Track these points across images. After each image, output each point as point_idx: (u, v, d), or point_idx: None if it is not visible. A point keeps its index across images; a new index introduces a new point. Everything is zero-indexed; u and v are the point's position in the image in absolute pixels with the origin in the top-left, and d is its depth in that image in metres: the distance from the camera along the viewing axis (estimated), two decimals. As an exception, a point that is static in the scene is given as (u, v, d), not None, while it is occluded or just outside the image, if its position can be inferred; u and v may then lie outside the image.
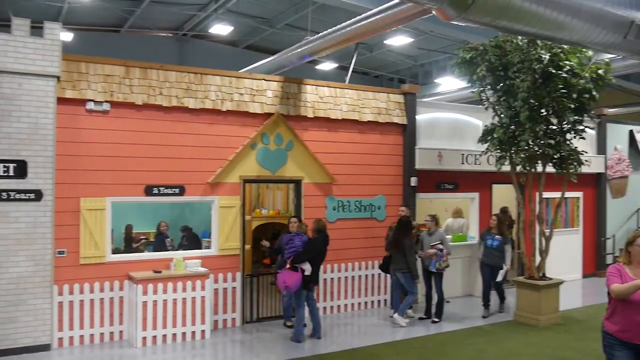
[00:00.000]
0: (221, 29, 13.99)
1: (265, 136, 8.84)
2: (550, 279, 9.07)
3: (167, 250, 9.18)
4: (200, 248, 9.25)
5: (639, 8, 7.12)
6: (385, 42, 14.41)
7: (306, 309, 8.02)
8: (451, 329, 8.63)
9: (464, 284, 10.97)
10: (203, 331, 7.92)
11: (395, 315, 8.74)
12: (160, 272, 7.78)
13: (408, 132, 10.20)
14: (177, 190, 8.16)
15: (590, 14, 6.53)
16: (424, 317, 9.05)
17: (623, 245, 4.74)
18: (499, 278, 9.25)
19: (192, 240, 9.95)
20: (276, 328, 8.54)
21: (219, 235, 8.47)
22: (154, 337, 7.58)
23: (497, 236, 9.28)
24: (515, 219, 11.47)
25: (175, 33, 16.40)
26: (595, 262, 13.37)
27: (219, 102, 8.43)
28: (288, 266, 7.73)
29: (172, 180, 8.13)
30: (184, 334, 7.79)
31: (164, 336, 7.65)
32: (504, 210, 11.62)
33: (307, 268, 7.67)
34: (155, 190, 8.01)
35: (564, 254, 12.29)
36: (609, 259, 13.45)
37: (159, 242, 9.71)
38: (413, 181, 10.11)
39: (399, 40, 13.72)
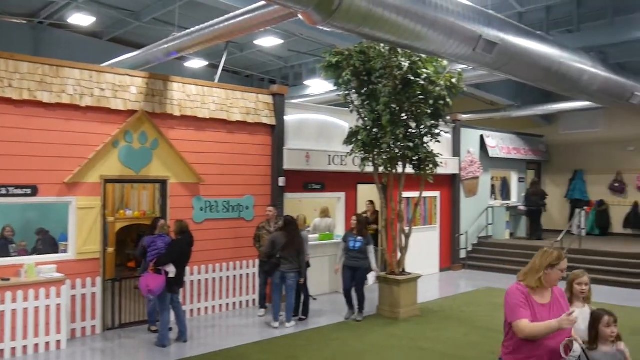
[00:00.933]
0: (81, 19, 13.18)
1: (129, 134, 8.48)
2: (410, 274, 9.61)
3: (10, 256, 8.33)
4: (57, 252, 8.65)
5: (487, 24, 7.77)
6: (255, 42, 14.41)
7: (172, 312, 7.82)
8: (318, 325, 8.85)
9: (331, 282, 11.27)
10: (59, 341, 7.42)
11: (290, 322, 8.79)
12: (8, 279, 7.18)
13: (277, 132, 10.30)
14: (28, 191, 7.57)
15: (444, 26, 7.01)
16: (292, 315, 9.19)
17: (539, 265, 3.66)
18: (371, 282, 9.22)
19: (48, 244, 9.25)
20: (140, 334, 8.23)
21: (77, 238, 7.99)
22: (1, 350, 6.98)
23: (359, 237, 9.10)
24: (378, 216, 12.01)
25: (29, 20, 15.20)
26: (450, 256, 14.38)
27: (77, 97, 7.94)
28: (151, 269, 7.48)
29: (22, 179, 7.52)
30: (36, 345, 7.25)
31: (13, 349, 7.07)
32: (371, 203, 12.09)
33: (171, 270, 7.47)
34: (3, 191, 7.37)
35: (422, 250, 13.10)
36: (463, 254, 14.54)
37: (1, 248, 8.85)
38: (281, 181, 10.24)
39: (269, 41, 13.79)
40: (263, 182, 10.24)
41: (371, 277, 9.18)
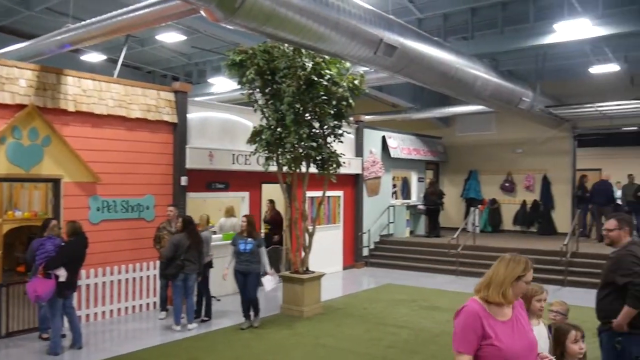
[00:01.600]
0: (-37, 5, 12.24)
1: (17, 130, 7.95)
2: (313, 272, 9.71)
3: None
4: None
5: (388, 28, 8.01)
6: (157, 37, 13.98)
7: (65, 318, 7.43)
8: (221, 326, 8.73)
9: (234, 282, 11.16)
10: None
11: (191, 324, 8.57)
12: None
13: (179, 130, 10.06)
14: None
15: (346, 28, 7.16)
16: (195, 317, 9.00)
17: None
18: (268, 287, 8.70)
19: None
20: (31, 342, 7.74)
21: (-43, 242, 7.40)
22: None
23: (249, 239, 8.54)
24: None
25: None
26: (354, 254, 14.69)
27: (-43, 90, 7.36)
28: (40, 273, 7.04)
29: None
30: None
31: None
32: (271, 202, 12.06)
33: (62, 274, 7.05)
34: None
35: (326, 249, 13.29)
36: (365, 252, 14.90)
37: None
38: (183, 180, 10.01)
39: (171, 37, 13.42)
40: (164, 181, 9.96)
41: (268, 282, 8.64)
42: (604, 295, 4.59)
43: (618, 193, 15.12)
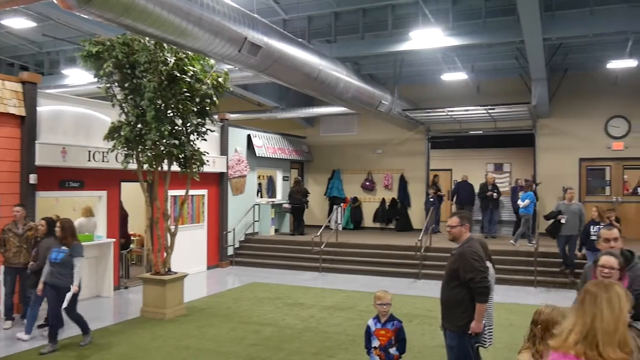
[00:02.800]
0: None
1: None
2: (175, 273, 9.46)
3: None
4: None
5: (252, 27, 8.01)
6: (2, 22, 12.80)
7: None
8: (77, 332, 8.20)
9: (92, 285, 10.57)
10: None
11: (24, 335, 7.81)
12: None
13: (27, 124, 9.28)
14: None
15: (210, 25, 7.05)
16: (44, 324, 8.34)
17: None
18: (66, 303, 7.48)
19: None
20: None
21: None
22: None
23: (63, 247, 7.34)
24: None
25: None
26: (218, 254, 14.52)
27: None
28: None
29: None
30: None
31: None
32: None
33: None
34: None
35: (190, 248, 13.01)
36: (230, 251, 14.79)
37: None
38: (32, 178, 9.26)
39: (18, 23, 12.31)
40: (10, 179, 9.14)
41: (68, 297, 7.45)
42: (450, 288, 4.93)
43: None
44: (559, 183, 16.03)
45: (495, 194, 15.47)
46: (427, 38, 11.31)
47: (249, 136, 15.73)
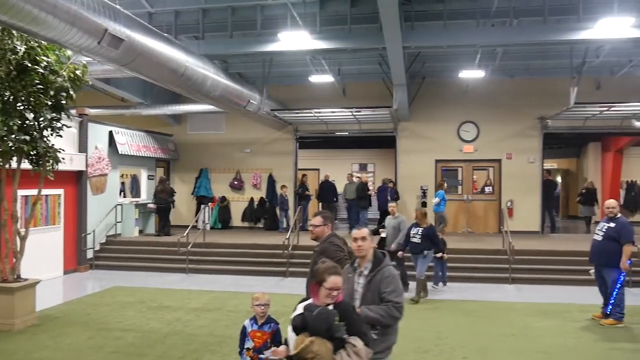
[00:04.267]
0: None
1: None
2: (26, 279, 8.75)
3: None
4: None
5: (113, 18, 7.63)
6: None
7: None
8: None
9: None
10: None
11: None
12: None
13: None
14: None
15: (66, 13, 6.61)
16: None
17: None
18: None
19: None
20: None
21: None
22: None
23: None
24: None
25: None
26: (76, 257, 13.65)
27: None
28: None
29: None
30: None
31: None
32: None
33: None
34: None
35: (44, 253, 12.11)
36: (90, 254, 13.97)
37: None
38: None
39: None
40: None
41: None
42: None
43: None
44: (417, 182, 17.10)
45: (372, 193, 16.24)
46: (295, 40, 11.49)
47: (110, 133, 14.96)
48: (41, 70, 8.17)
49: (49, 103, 8.48)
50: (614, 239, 8.29)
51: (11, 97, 8.03)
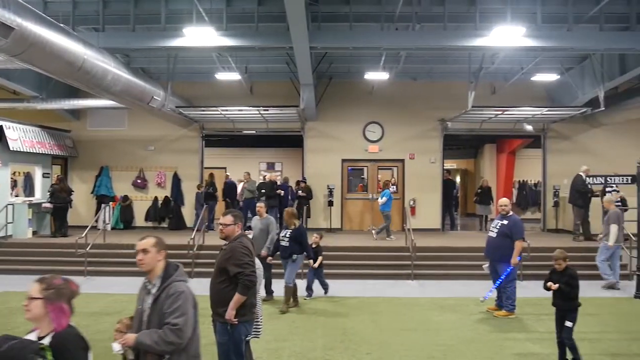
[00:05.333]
0: None
1: None
2: None
3: None
4: None
5: (3, 5, 7.14)
6: None
7: None
8: None
9: None
10: None
11: None
12: None
13: None
14: None
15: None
16: None
17: None
18: None
19: None
20: None
21: None
22: None
23: None
24: None
25: None
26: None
27: None
28: None
29: None
30: None
31: None
32: None
33: None
34: None
35: None
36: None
37: None
38: None
39: None
40: None
41: None
42: (218, 283, 4.99)
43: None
44: (324, 182, 17.32)
45: (282, 192, 16.20)
46: (200, 36, 11.28)
47: (1, 127, 13.98)
48: None
49: None
50: (507, 235, 8.84)
51: None
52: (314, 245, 10.49)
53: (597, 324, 8.61)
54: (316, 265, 10.38)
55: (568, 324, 6.34)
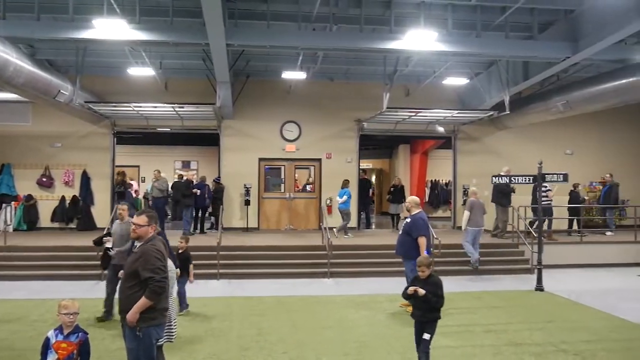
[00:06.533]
0: None
1: None
2: None
3: None
4: None
5: None
6: None
7: None
8: None
9: None
10: None
11: None
12: None
13: None
14: None
15: None
16: None
17: None
18: None
19: None
20: None
21: None
22: None
23: None
24: None
25: None
26: None
27: None
28: None
29: None
30: None
31: None
32: None
33: None
34: None
35: None
36: None
37: None
38: None
39: None
40: None
41: None
42: (128, 287, 4.79)
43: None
44: (241, 181, 17.17)
45: (199, 191, 15.85)
46: (111, 29, 10.84)
47: None
48: None
49: None
50: (408, 233, 9.19)
51: None
52: (180, 251, 8.95)
53: (502, 315, 9.08)
54: (191, 279, 9.00)
55: (426, 336, 5.95)
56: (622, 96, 13.22)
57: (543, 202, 13.69)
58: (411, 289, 5.93)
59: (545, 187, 14.44)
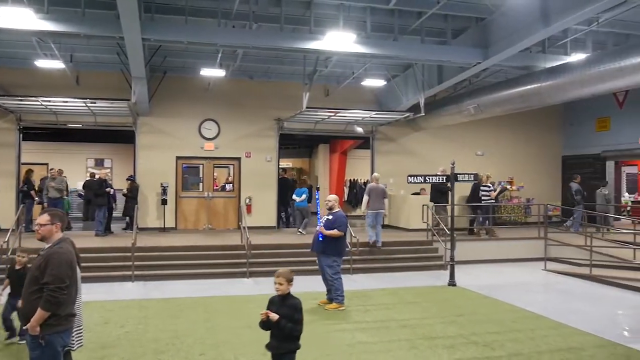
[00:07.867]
0: None
1: None
2: None
3: None
4: None
5: None
6: None
7: None
8: None
9: None
10: None
11: None
12: None
13: None
14: None
15: None
16: None
17: None
18: None
19: None
20: None
21: None
22: None
23: None
24: None
25: None
26: None
27: None
28: None
29: None
30: None
31: None
32: None
33: None
34: None
35: None
36: None
37: None
38: None
39: None
40: None
41: None
42: (30, 293, 4.48)
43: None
44: (157, 179, 16.71)
45: (112, 190, 15.26)
46: (16, 17, 10.25)
47: None
48: None
49: None
50: (330, 229, 9.30)
51: None
52: (17, 267, 7.18)
53: (417, 310, 9.36)
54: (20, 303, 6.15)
55: None
56: (527, 101, 14.00)
57: (486, 201, 14.94)
58: (263, 313, 4.98)
59: (489, 187, 15.45)
